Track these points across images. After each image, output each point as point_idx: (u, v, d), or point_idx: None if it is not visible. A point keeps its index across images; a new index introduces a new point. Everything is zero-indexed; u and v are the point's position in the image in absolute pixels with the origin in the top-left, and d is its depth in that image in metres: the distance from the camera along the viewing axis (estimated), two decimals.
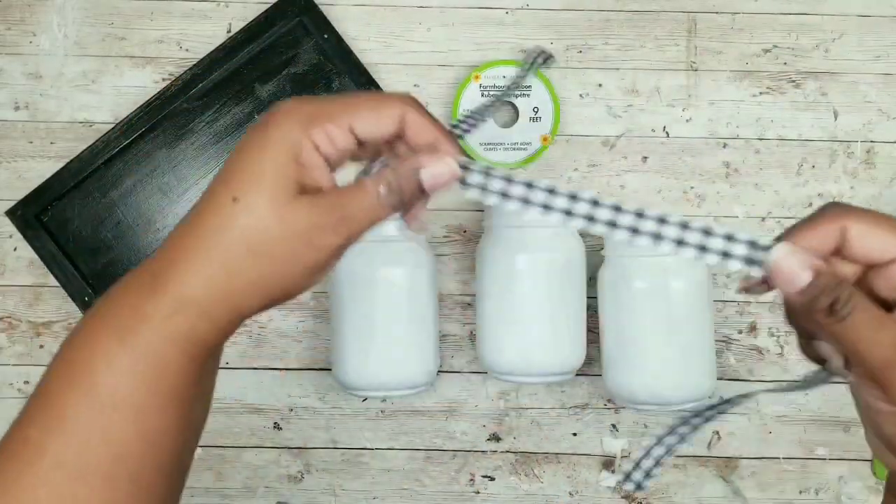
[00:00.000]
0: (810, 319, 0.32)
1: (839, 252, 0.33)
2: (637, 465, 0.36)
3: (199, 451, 0.65)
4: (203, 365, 0.37)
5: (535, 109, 0.65)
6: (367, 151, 0.38)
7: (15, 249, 0.66)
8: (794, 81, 0.67)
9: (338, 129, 0.35)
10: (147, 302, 0.35)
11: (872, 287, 0.32)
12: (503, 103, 0.62)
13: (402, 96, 0.37)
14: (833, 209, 0.33)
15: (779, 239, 0.34)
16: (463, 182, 0.37)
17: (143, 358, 0.35)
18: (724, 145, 0.67)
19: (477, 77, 0.65)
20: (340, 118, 0.35)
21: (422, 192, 0.37)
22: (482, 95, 0.65)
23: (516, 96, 0.65)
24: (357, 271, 0.59)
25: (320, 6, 0.66)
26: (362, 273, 0.59)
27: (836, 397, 0.66)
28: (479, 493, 0.66)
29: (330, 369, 0.64)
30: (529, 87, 0.66)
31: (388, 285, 0.59)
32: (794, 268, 0.32)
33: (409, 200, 0.37)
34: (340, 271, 0.60)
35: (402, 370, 0.60)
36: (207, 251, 0.35)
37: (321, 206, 0.35)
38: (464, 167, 0.37)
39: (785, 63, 0.67)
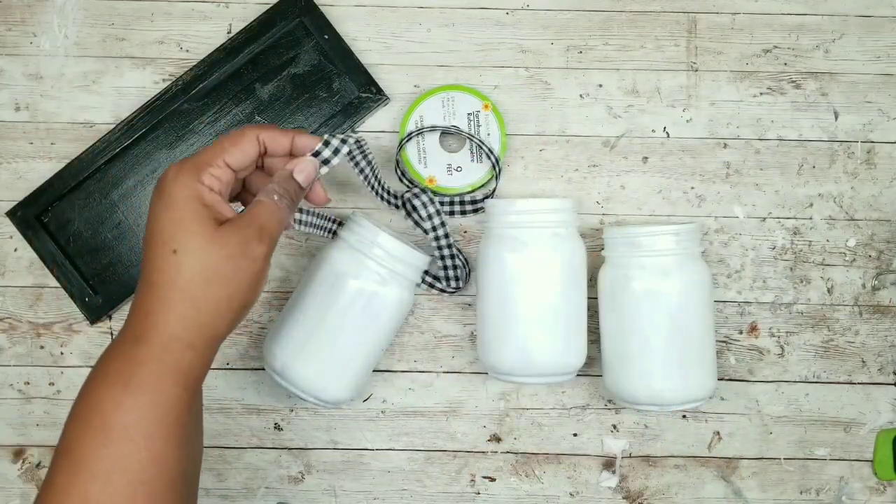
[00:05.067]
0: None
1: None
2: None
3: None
4: (194, 391, 0.44)
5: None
6: (243, 175, 0.49)
7: (15, 250, 0.66)
8: (794, 82, 0.67)
9: (219, 169, 0.45)
10: (139, 351, 0.42)
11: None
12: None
13: (252, 125, 0.48)
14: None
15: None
16: (326, 163, 0.52)
17: (144, 395, 0.42)
18: (725, 145, 0.67)
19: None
20: (216, 160, 0.46)
21: (301, 188, 0.49)
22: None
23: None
24: (339, 271, 0.59)
25: (320, 7, 0.66)
26: (340, 273, 0.59)
27: (837, 398, 0.66)
28: (479, 493, 0.66)
29: None
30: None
31: (353, 296, 0.58)
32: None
33: (297, 196, 0.49)
34: (329, 264, 0.60)
35: (320, 378, 0.59)
36: (171, 297, 0.43)
37: (241, 225, 0.44)
38: (318, 153, 0.51)
39: (785, 63, 0.67)
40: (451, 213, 0.65)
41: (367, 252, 0.59)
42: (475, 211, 0.65)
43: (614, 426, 0.66)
